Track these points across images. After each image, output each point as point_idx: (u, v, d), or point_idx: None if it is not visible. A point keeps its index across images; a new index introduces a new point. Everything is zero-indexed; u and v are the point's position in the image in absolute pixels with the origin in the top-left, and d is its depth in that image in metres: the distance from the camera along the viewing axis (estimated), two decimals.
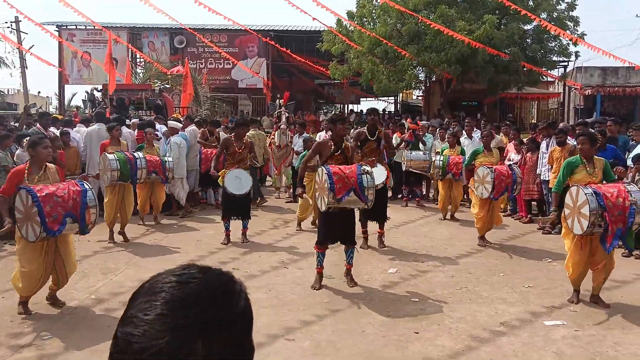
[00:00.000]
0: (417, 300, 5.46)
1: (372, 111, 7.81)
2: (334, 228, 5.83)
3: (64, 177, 5.33)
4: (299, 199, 7.91)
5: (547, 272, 6.47)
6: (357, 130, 7.95)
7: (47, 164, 5.14)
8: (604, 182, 5.39)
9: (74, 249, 5.36)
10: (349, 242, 5.91)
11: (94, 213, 5.05)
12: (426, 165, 10.56)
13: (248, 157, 8.09)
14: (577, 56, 19.81)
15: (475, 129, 11.61)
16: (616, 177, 5.87)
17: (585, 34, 17.69)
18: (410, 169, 10.77)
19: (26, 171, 4.97)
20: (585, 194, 5.02)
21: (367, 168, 5.74)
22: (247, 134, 9.05)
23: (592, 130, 7.26)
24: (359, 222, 6.99)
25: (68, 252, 5.14)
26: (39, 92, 42.70)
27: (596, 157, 5.60)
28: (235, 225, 7.97)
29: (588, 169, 5.40)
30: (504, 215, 9.30)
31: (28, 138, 6.52)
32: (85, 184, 5.11)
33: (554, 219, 6.05)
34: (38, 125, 9.97)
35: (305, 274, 6.22)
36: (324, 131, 11.98)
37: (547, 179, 8.70)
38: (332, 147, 6.00)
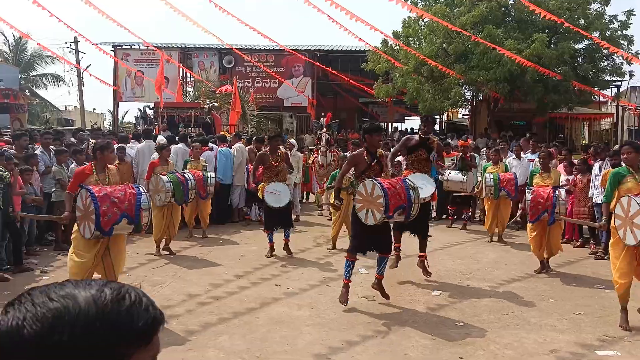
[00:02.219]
0: (462, 324, 5.34)
1: (426, 119, 7.26)
2: (370, 237, 5.75)
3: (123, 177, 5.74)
4: (332, 217, 8.03)
5: (600, 299, 6.20)
6: (406, 137, 7.51)
7: (109, 166, 5.54)
8: None
9: (125, 252, 5.64)
10: (384, 250, 5.85)
11: (146, 216, 5.30)
12: (463, 188, 10.29)
13: (285, 170, 8.23)
14: (631, 75, 19.17)
15: (525, 151, 11.36)
16: None
17: None
18: (448, 189, 10.59)
19: (93, 171, 5.37)
20: (639, 203, 4.96)
21: (412, 183, 5.71)
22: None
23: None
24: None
25: (119, 253, 5.42)
26: (94, 109, 44.63)
27: None
28: (278, 239, 8.10)
29: (637, 177, 5.32)
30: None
31: (96, 142, 6.90)
32: (140, 188, 5.40)
33: (602, 227, 6.00)
34: (91, 140, 10.46)
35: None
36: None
37: (599, 202, 8.38)
38: (367, 158, 5.88)
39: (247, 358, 4.46)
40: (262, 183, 8.04)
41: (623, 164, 5.59)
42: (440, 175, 10.08)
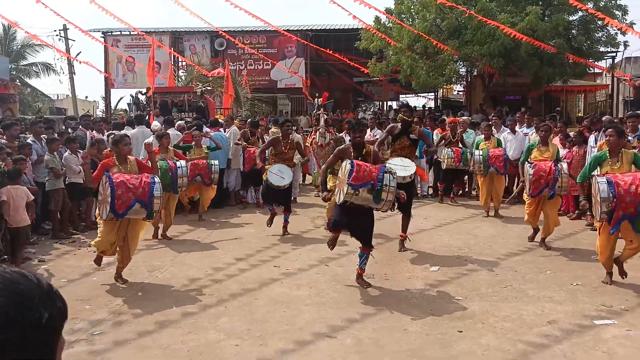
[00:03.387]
0: (461, 298, 5.37)
1: (403, 106, 7.83)
2: (349, 217, 5.66)
3: (143, 167, 6.12)
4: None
5: (597, 270, 6.22)
6: (391, 125, 7.90)
7: (129, 157, 6.07)
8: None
9: (140, 237, 6.21)
10: (363, 242, 5.72)
11: (158, 203, 5.79)
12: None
13: (293, 157, 8.41)
14: (626, 46, 19.02)
15: (520, 125, 11.34)
16: None
17: (635, 23, 16.93)
18: (449, 167, 10.68)
19: (115, 163, 5.90)
20: (598, 182, 5.36)
21: (392, 169, 5.60)
22: (272, 130, 10.13)
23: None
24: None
25: (135, 239, 6.00)
26: (87, 97, 44.22)
27: (625, 150, 5.71)
28: (277, 221, 8.13)
29: (611, 162, 5.64)
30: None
31: (112, 136, 7.29)
32: (155, 178, 5.83)
33: (585, 206, 6.27)
34: (80, 127, 10.41)
35: (346, 272, 6.21)
36: (369, 129, 11.99)
37: (595, 173, 8.37)
38: (352, 152, 5.90)
39: (247, 338, 4.48)
40: (268, 165, 8.18)
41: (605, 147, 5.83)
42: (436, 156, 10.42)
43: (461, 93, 29.37)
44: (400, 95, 33.70)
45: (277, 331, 4.61)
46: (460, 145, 10.70)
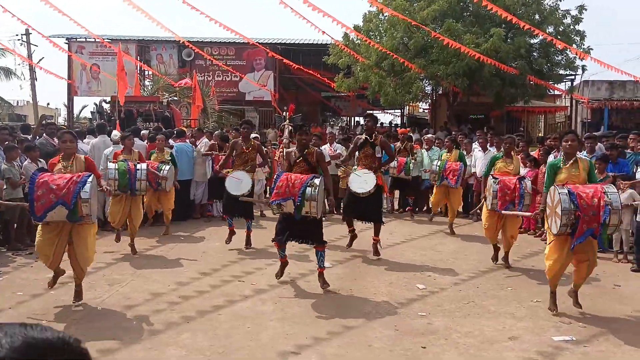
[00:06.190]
0: (424, 314, 5.41)
1: (368, 116, 8.13)
2: (292, 226, 6.07)
3: (92, 168, 5.74)
4: None
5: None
6: (356, 137, 8.23)
7: (77, 155, 5.72)
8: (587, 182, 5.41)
9: (92, 250, 5.71)
10: (313, 242, 6.16)
11: (86, 206, 5.19)
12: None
13: (255, 159, 8.24)
14: (583, 70, 19.82)
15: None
16: (600, 179, 5.88)
17: (592, 49, 17.65)
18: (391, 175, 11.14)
19: (59, 160, 5.60)
20: (560, 193, 5.09)
21: (317, 182, 5.92)
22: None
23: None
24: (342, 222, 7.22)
25: (83, 248, 5.50)
26: (48, 104, 43.11)
27: (580, 157, 5.64)
28: (239, 233, 8.05)
29: (568, 167, 5.42)
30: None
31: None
32: (88, 178, 5.30)
33: (536, 216, 6.12)
34: (45, 135, 10.12)
35: (312, 287, 6.19)
36: (330, 144, 12.08)
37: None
38: (294, 154, 6.35)
39: (210, 355, 4.41)
40: (230, 170, 8.08)
41: (561, 154, 5.70)
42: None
43: (426, 111, 29.92)
44: (368, 112, 34.07)
45: (241, 347, 4.55)
46: (410, 156, 11.11)
